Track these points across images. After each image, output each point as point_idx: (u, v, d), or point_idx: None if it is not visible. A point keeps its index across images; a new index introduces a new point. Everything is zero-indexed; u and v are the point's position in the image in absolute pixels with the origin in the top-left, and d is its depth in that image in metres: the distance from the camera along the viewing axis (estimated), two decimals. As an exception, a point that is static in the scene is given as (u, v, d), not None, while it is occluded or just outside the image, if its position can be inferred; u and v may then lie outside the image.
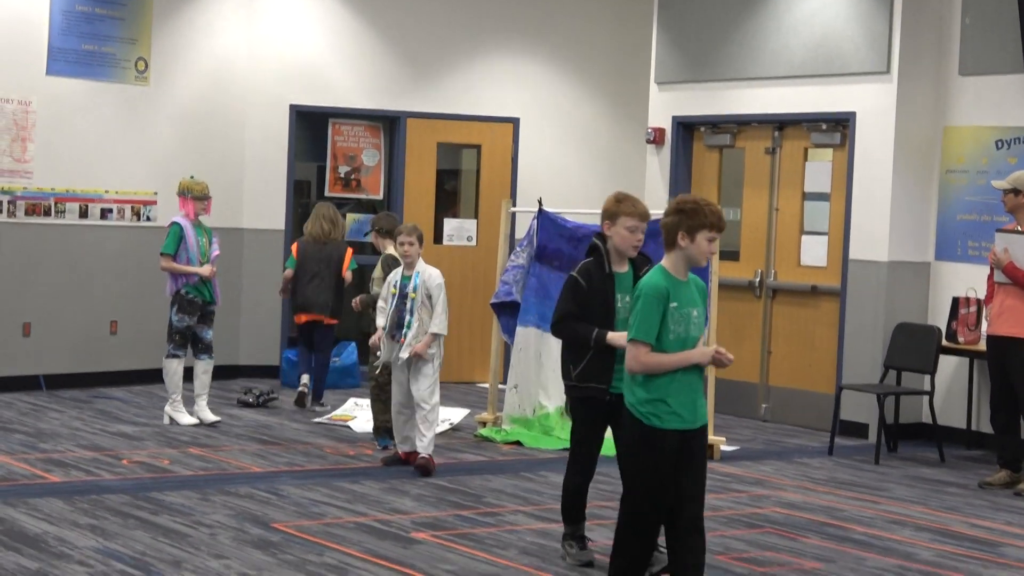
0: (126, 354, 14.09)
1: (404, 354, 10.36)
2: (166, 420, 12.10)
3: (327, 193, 15.82)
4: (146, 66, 14.55)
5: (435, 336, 10.34)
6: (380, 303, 10.69)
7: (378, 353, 10.71)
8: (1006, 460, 10.85)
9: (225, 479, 10.21)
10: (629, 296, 7.28)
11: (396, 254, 11.03)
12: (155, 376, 13.99)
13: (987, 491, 10.64)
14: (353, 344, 14.91)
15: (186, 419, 12.05)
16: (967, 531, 9.01)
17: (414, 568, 7.86)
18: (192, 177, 12.40)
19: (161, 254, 12.02)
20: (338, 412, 13.11)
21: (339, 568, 7.79)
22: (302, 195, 16.02)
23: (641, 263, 7.83)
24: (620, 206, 7.73)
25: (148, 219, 14.59)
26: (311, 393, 13.58)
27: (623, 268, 7.86)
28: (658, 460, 6.49)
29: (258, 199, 15.29)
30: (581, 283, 7.81)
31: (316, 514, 9.12)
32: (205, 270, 12.00)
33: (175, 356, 12.12)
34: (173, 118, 14.80)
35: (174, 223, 12.03)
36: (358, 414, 12.95)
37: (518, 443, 11.88)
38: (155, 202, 14.67)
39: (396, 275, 10.55)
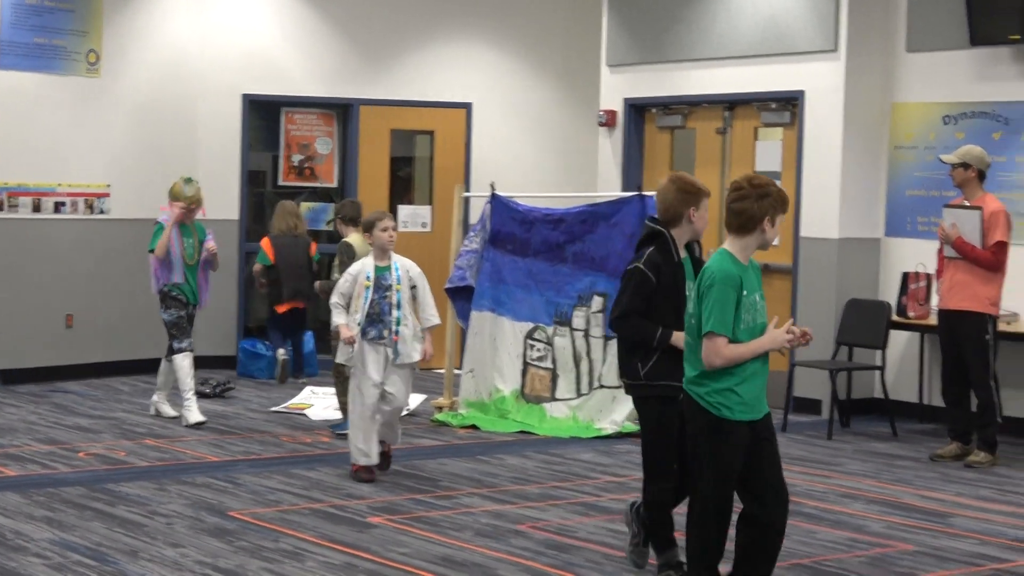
0: (82, 348, 14.06)
1: (416, 355, 9.69)
2: (152, 411, 12.09)
3: (281, 182, 15.96)
4: (97, 58, 14.50)
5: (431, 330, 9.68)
6: (337, 298, 9.57)
7: (351, 352, 9.62)
8: (957, 433, 10.95)
9: (181, 469, 10.19)
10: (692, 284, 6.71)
11: (353, 242, 10.99)
12: (111, 369, 14.22)
13: (938, 463, 10.74)
14: (310, 333, 15.01)
15: (170, 411, 11.95)
16: (918, 503, 9.10)
17: (369, 551, 7.88)
18: (188, 180, 12.24)
19: (149, 251, 11.87)
20: (295, 400, 13.17)
21: (295, 553, 7.80)
22: (256, 185, 15.98)
23: (692, 247, 7.33)
24: (700, 188, 7.16)
25: (102, 212, 14.55)
26: (292, 365, 13.93)
27: (683, 254, 7.24)
28: (727, 450, 6.34)
29: (212, 189, 14.79)
30: (649, 276, 7.05)
31: (272, 501, 9.13)
32: (173, 219, 11.75)
33: (180, 351, 11.79)
34: (125, 110, 14.73)
35: (159, 222, 11.78)
36: (315, 402, 13.03)
37: (474, 427, 11.90)
38: (108, 195, 14.61)
39: (363, 266, 9.58)
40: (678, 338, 6.87)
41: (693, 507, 6.54)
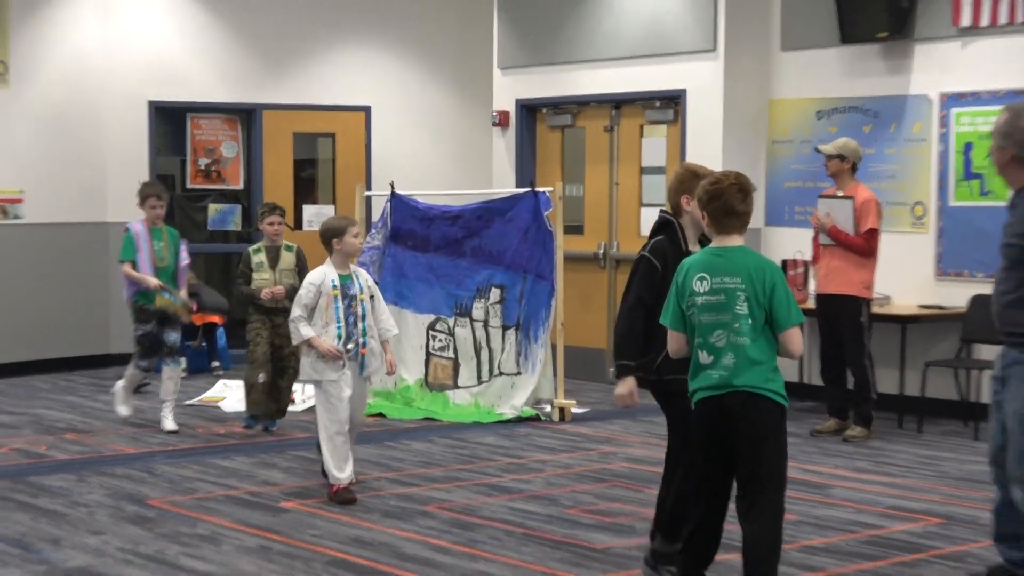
0: (1, 348, 13.93)
1: (383, 369, 8.98)
2: (112, 402, 11.69)
3: (189, 185, 15.85)
4: (5, 68, 14.29)
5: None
6: (300, 311, 8.62)
7: (327, 367, 8.62)
8: (835, 410, 11.19)
9: (101, 461, 10.14)
10: (709, 279, 6.16)
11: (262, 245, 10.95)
12: (31, 368, 14.18)
13: (818, 439, 10.97)
14: (221, 329, 14.96)
15: (124, 411, 11.55)
16: (799, 476, 9.20)
17: (281, 534, 7.96)
18: (146, 183, 12.22)
19: (120, 262, 11.32)
20: (208, 394, 13.15)
21: (211, 538, 7.86)
22: (165, 188, 15.93)
23: (706, 241, 6.72)
24: (695, 176, 6.67)
25: (16, 217, 14.41)
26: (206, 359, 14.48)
27: (696, 247, 6.77)
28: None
29: (122, 194, 14.70)
30: (655, 264, 6.72)
31: (188, 489, 9.14)
32: (153, 283, 11.02)
33: (138, 367, 11.39)
34: (34, 118, 14.55)
35: (126, 229, 11.38)
36: (228, 395, 12.97)
37: (381, 415, 11.93)
38: (22, 200, 14.45)
39: (324, 275, 8.63)
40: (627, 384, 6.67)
41: (778, 503, 6.19)
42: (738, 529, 6.17)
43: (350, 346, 8.53)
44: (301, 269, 10.65)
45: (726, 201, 6.07)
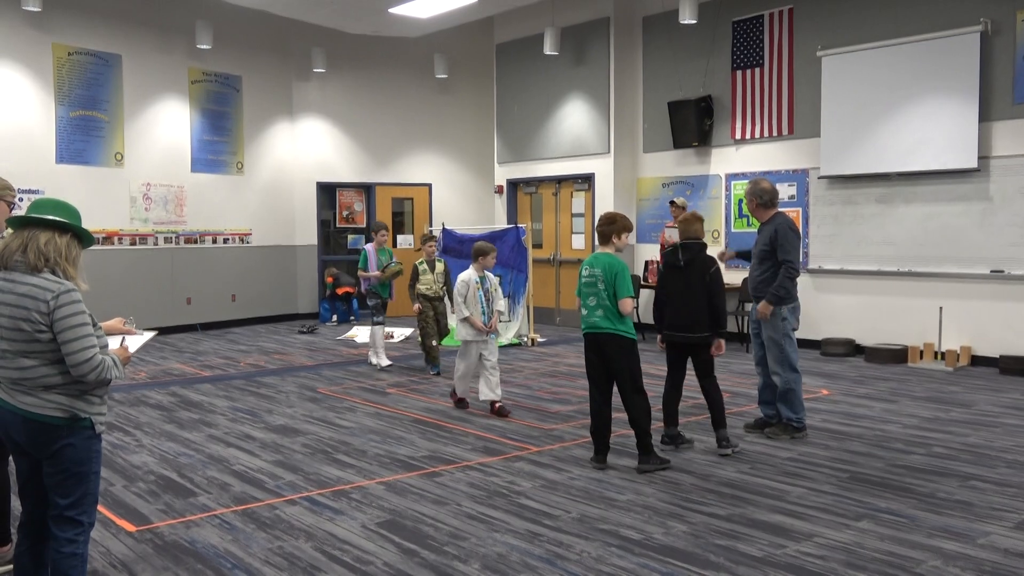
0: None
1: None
2: (370, 361, 10.10)
3: (337, 225, 15.17)
4: (242, 164, 13.93)
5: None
6: (461, 300, 7.40)
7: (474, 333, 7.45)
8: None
9: (293, 369, 9.71)
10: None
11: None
12: (254, 321, 14.10)
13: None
14: (355, 298, 14.58)
15: (385, 361, 9.92)
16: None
17: (387, 406, 7.69)
18: (376, 222, 10.98)
19: (359, 268, 9.91)
20: (348, 333, 12.87)
21: (350, 408, 7.66)
22: (324, 227, 15.45)
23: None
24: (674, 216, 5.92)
25: (248, 242, 14.04)
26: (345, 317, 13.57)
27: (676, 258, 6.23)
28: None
29: (303, 230, 14.85)
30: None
31: (338, 382, 8.90)
32: (374, 275, 9.61)
33: (376, 323, 9.81)
34: (258, 190, 14.11)
35: (362, 249, 10.03)
36: (359, 333, 12.70)
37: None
38: (251, 233, 14.05)
39: (471, 276, 7.52)
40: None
41: (643, 398, 5.57)
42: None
43: (488, 320, 7.45)
44: (446, 273, 9.45)
45: (599, 226, 5.82)
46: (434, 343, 9.34)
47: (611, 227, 5.70)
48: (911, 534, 4.44)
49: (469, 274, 7.57)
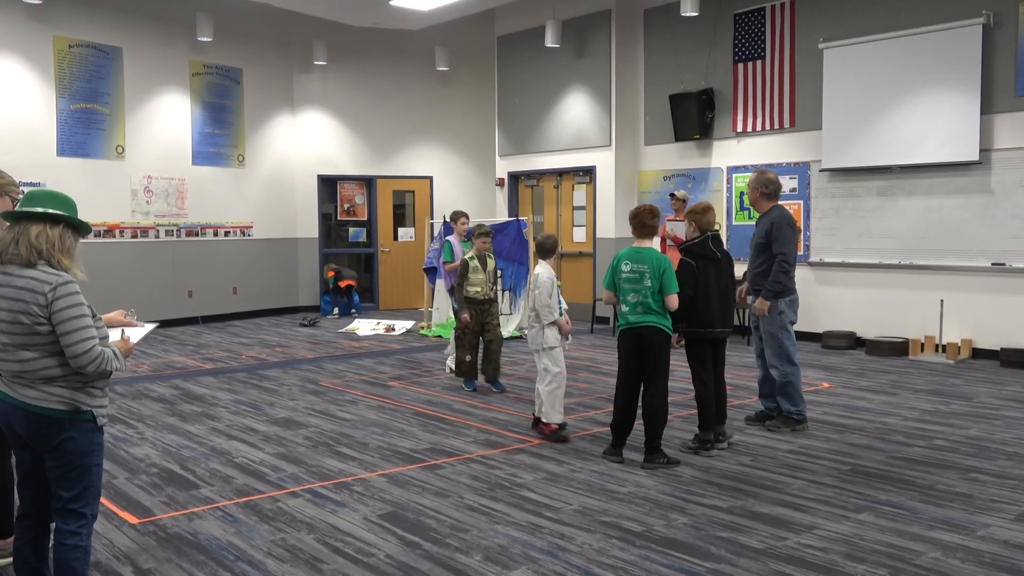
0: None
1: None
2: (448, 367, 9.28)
3: (337, 218, 15.20)
4: (243, 157, 13.95)
5: None
6: (548, 300, 6.15)
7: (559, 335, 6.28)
8: None
9: (295, 362, 9.73)
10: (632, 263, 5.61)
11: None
12: (255, 314, 14.08)
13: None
14: (356, 294, 14.49)
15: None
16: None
17: (388, 398, 7.72)
18: (456, 211, 9.81)
19: (444, 262, 9.39)
20: (350, 326, 12.78)
21: (352, 401, 7.68)
22: (325, 220, 15.45)
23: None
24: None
25: (250, 235, 14.02)
26: (345, 309, 13.23)
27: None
28: None
29: (304, 222, 14.85)
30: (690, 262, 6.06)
31: (340, 375, 8.90)
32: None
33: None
34: (259, 183, 14.10)
35: (446, 241, 9.27)
36: (360, 326, 12.60)
37: (439, 336, 11.86)
38: (252, 226, 14.01)
39: (551, 277, 6.29)
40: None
41: (664, 396, 5.54)
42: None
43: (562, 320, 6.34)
44: (496, 272, 8.29)
45: (641, 219, 5.71)
46: (468, 358, 8.04)
47: (656, 220, 5.70)
48: (911, 526, 4.45)
49: (547, 270, 6.32)
